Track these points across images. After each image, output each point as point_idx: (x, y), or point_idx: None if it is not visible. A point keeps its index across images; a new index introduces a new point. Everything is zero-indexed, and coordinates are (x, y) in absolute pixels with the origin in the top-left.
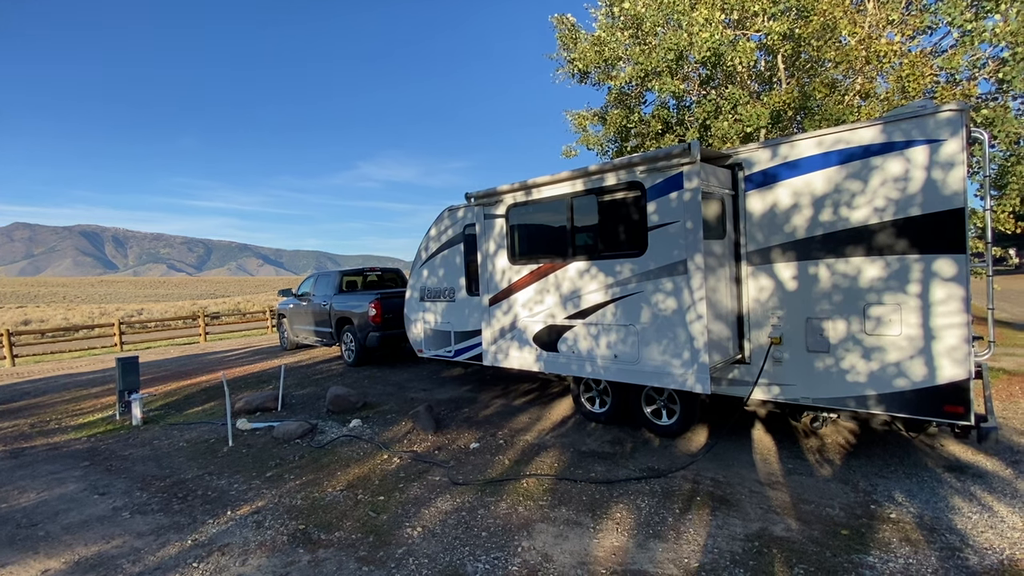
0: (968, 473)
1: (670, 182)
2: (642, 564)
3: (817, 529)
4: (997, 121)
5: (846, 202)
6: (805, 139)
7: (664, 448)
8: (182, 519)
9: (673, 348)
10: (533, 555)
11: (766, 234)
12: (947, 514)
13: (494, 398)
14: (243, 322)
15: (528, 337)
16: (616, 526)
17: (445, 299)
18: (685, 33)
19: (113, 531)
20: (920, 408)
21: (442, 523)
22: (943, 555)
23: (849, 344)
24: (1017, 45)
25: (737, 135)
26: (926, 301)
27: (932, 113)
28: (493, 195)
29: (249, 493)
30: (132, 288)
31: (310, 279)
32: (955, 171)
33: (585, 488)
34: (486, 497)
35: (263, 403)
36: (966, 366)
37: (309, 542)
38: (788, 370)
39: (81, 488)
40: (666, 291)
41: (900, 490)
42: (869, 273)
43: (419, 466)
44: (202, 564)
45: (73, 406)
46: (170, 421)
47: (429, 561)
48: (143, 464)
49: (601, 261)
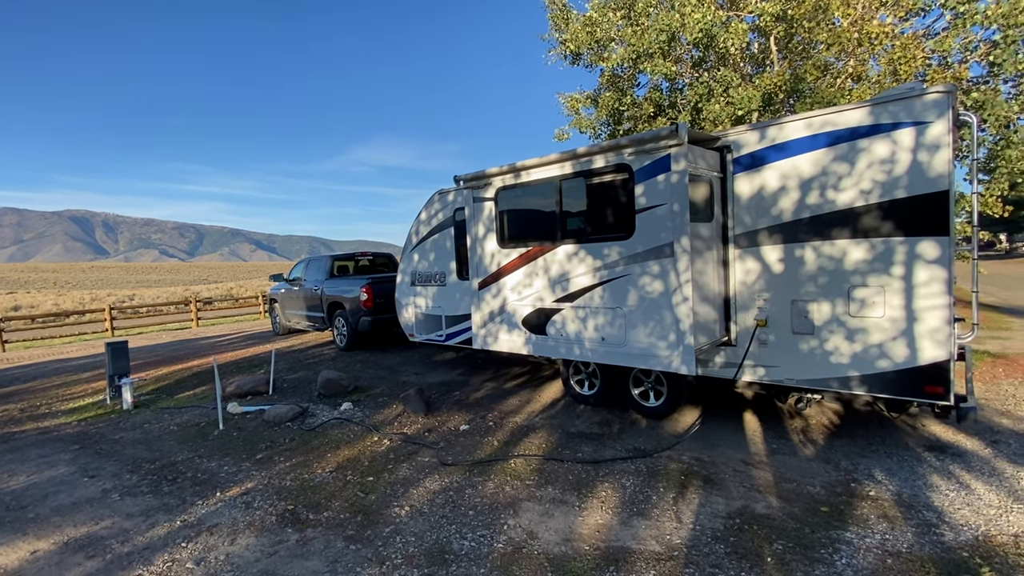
0: (948, 452)
1: (658, 164)
2: (625, 541)
3: (798, 506)
4: (987, 104)
5: (833, 185)
6: (793, 121)
7: (651, 429)
8: (171, 501)
9: (659, 330)
10: (518, 532)
11: (753, 217)
12: (925, 492)
13: (485, 381)
14: (235, 307)
15: (517, 320)
16: (601, 504)
17: (436, 283)
18: (677, 14)
19: (102, 513)
20: (901, 389)
21: (430, 502)
22: (919, 531)
23: (833, 326)
24: (1008, 28)
25: (729, 118)
26: (909, 283)
27: (919, 95)
28: (482, 178)
29: (239, 475)
30: (123, 274)
31: (301, 264)
32: (941, 153)
33: (572, 468)
34: (474, 477)
35: (254, 387)
36: (947, 347)
37: (298, 522)
38: (773, 352)
39: (71, 471)
40: (653, 274)
41: (880, 469)
42: (854, 255)
43: (409, 448)
44: (191, 544)
45: (63, 391)
46: (161, 405)
47: (416, 539)
48: (133, 447)
49: (589, 244)
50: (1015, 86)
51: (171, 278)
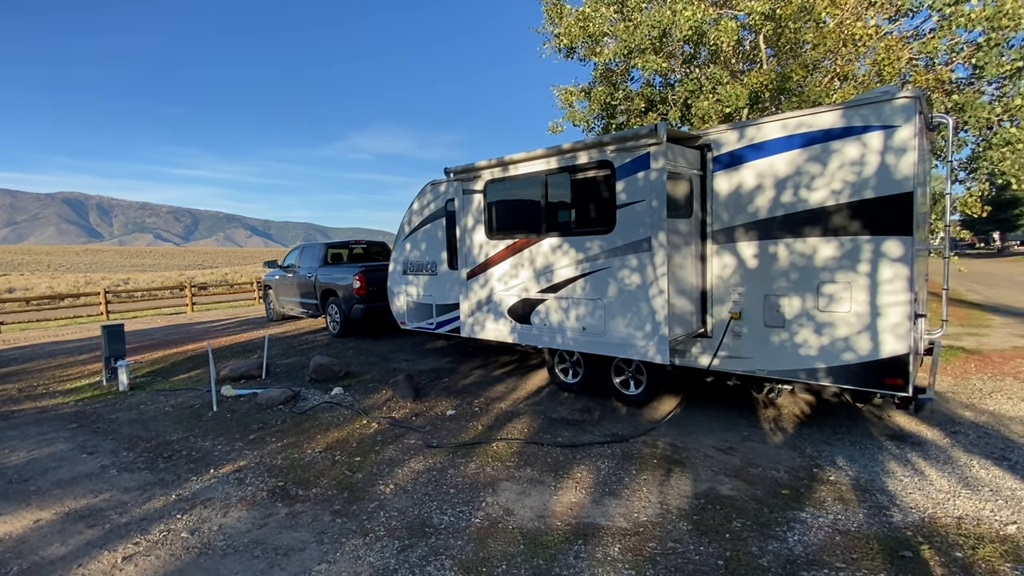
0: (908, 441)
1: (638, 162)
2: (595, 518)
3: (760, 489)
4: (967, 107)
5: (806, 184)
6: (770, 122)
7: (630, 416)
8: (167, 476)
9: (637, 321)
10: (496, 509)
11: (731, 214)
12: (881, 477)
13: (474, 369)
14: (230, 293)
15: (503, 310)
16: (576, 485)
17: (427, 273)
18: (669, 10)
19: (101, 486)
20: (864, 380)
21: (413, 481)
22: (870, 512)
23: (803, 320)
24: (991, 31)
25: (717, 115)
26: (874, 280)
27: (888, 99)
28: (472, 171)
29: (232, 454)
30: (118, 257)
31: (295, 251)
32: (907, 156)
33: (551, 451)
34: (457, 459)
35: (248, 371)
36: (907, 341)
37: (287, 497)
38: (746, 344)
39: (70, 448)
40: (631, 267)
41: (843, 456)
42: (824, 253)
43: (396, 431)
44: (185, 516)
45: (60, 372)
46: (156, 387)
47: (399, 514)
48: (129, 427)
49: (572, 237)
50: (998, 88)
51: (166, 263)
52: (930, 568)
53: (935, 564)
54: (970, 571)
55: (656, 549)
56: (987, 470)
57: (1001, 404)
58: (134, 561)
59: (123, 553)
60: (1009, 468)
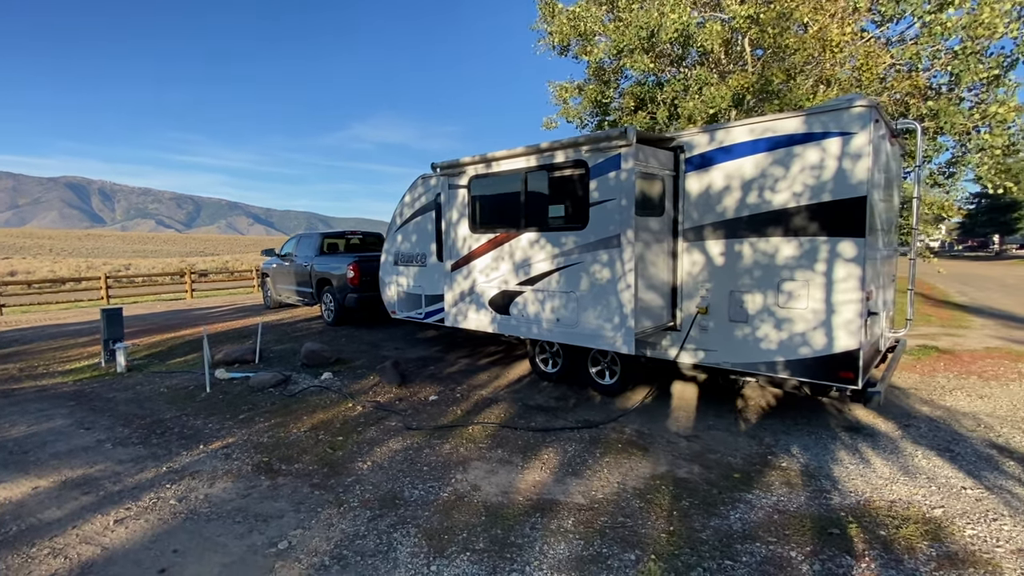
0: (862, 433)
1: (610, 162)
2: (555, 495)
3: (715, 473)
4: (941, 113)
5: (770, 186)
6: (739, 126)
7: (604, 405)
8: (159, 451)
9: (606, 313)
10: (464, 485)
11: (701, 213)
12: (829, 464)
13: (460, 358)
14: (231, 280)
15: (484, 301)
16: (542, 465)
17: (417, 264)
18: (656, 12)
19: (96, 458)
20: (818, 373)
21: (390, 459)
22: (811, 495)
23: (764, 315)
24: (968, 40)
25: (702, 116)
26: (829, 279)
27: (846, 107)
28: (457, 166)
29: (221, 432)
30: (120, 243)
31: (292, 240)
32: (862, 162)
33: (523, 435)
34: (433, 440)
35: (241, 356)
36: (858, 337)
37: (270, 471)
38: (712, 337)
39: (68, 423)
40: (602, 262)
41: (798, 445)
42: (785, 252)
43: (379, 414)
44: (174, 486)
45: (60, 354)
46: (153, 369)
47: (373, 488)
48: (125, 405)
49: (549, 233)
50: (976, 95)
51: (167, 249)
52: (853, 543)
53: (859, 540)
54: (889, 547)
55: (607, 523)
56: (929, 460)
57: (959, 400)
58: (125, 524)
59: (115, 516)
60: (950, 459)
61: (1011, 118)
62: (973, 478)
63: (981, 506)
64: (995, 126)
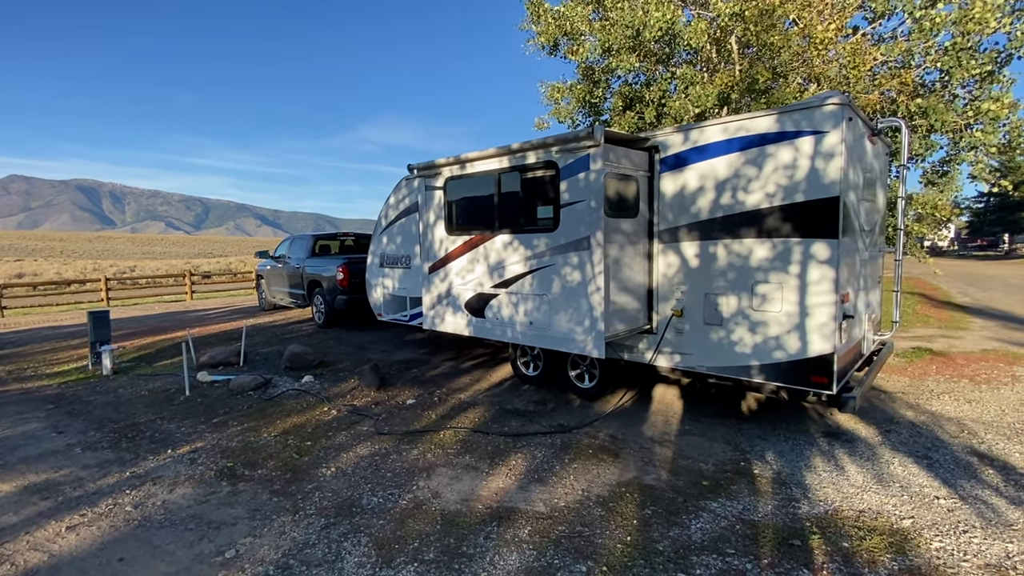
0: (841, 438)
1: (579, 163)
2: (516, 502)
3: (683, 480)
4: (930, 111)
5: (743, 187)
6: (712, 125)
7: (581, 408)
8: (127, 455)
9: (577, 316)
10: (425, 492)
11: (675, 214)
12: (802, 471)
13: (444, 361)
14: (232, 282)
15: (461, 304)
16: (508, 472)
17: (402, 266)
18: (641, 11)
19: (63, 463)
20: (793, 378)
21: (355, 465)
22: (779, 504)
23: (739, 318)
24: (958, 36)
25: (689, 115)
26: (803, 281)
27: (818, 106)
28: (433, 168)
29: (192, 436)
30: (130, 245)
31: (286, 241)
32: (834, 162)
33: (493, 440)
34: (402, 445)
35: (226, 358)
36: (832, 341)
37: (233, 477)
38: (687, 340)
39: (42, 427)
40: (573, 264)
41: (773, 450)
42: (759, 254)
43: (353, 418)
44: (134, 491)
45: (51, 356)
46: (138, 372)
47: (332, 495)
48: (102, 409)
49: (522, 235)
50: (969, 92)
51: (175, 251)
52: (813, 556)
53: (819, 552)
54: (850, 560)
55: (563, 532)
56: (905, 467)
57: (945, 405)
58: (77, 530)
59: (68, 523)
60: (927, 466)
61: (1004, 115)
62: (948, 487)
63: (952, 517)
64: (988, 123)
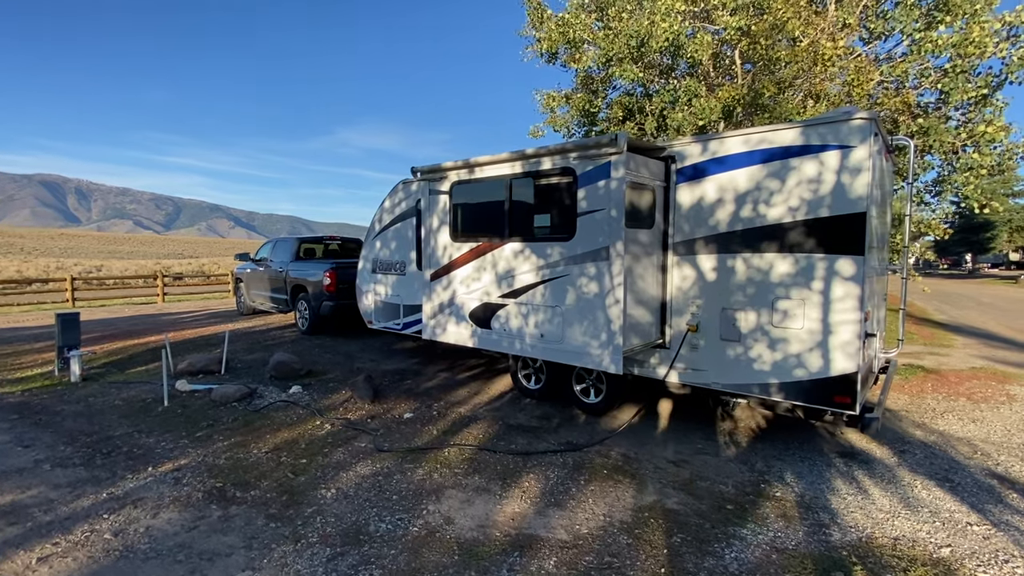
0: (857, 459)
1: (599, 170)
2: (536, 529)
3: (706, 503)
4: (931, 131)
5: (765, 200)
6: (733, 136)
7: (588, 425)
8: (102, 473)
9: (593, 330)
10: (436, 517)
11: (692, 226)
12: (826, 494)
13: (439, 371)
14: (206, 284)
15: (465, 313)
16: (522, 494)
17: (396, 272)
18: (647, 21)
19: (31, 482)
20: (814, 397)
21: (357, 486)
22: (810, 530)
23: (757, 335)
24: (958, 58)
25: (691, 127)
26: (827, 298)
27: (845, 120)
28: (438, 171)
29: (175, 451)
30: (95, 243)
31: (268, 244)
32: (861, 177)
33: (502, 458)
34: (405, 464)
35: (206, 366)
36: (856, 360)
37: (224, 499)
38: (702, 356)
39: (5, 440)
40: (590, 275)
41: (792, 472)
42: (780, 269)
43: (348, 433)
44: (113, 516)
45: (12, 360)
46: (110, 379)
47: (336, 520)
48: (73, 420)
49: (534, 243)
50: (964, 114)
51: (144, 251)
52: None
53: None
54: None
55: (592, 563)
56: (929, 491)
57: (951, 424)
58: (49, 562)
59: (39, 553)
60: (951, 490)
61: (999, 137)
62: (977, 512)
63: (990, 545)
64: (983, 145)
